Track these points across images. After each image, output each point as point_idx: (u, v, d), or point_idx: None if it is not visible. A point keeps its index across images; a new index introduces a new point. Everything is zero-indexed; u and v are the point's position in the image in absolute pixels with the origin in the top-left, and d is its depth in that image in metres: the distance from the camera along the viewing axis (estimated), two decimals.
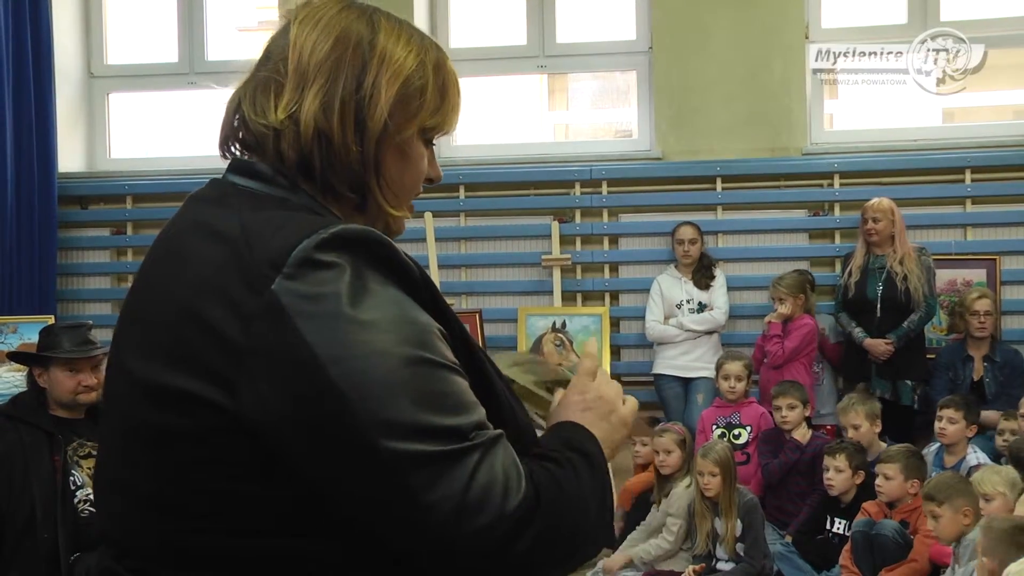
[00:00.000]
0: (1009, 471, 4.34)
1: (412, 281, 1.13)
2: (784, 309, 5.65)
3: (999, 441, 4.99)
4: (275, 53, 1.23)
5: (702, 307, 5.96)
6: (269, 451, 1.08)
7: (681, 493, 4.98)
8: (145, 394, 1.14)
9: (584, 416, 1.27)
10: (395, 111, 1.21)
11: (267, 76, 1.22)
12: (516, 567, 1.07)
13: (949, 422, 4.90)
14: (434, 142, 1.32)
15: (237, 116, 1.24)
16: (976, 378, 5.47)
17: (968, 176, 6.05)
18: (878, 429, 5.16)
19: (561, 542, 1.11)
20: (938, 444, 5.04)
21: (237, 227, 1.13)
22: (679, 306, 5.96)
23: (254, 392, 1.06)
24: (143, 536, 1.17)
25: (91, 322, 4.26)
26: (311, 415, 1.05)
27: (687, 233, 5.99)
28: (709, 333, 5.93)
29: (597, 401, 1.29)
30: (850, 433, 5.11)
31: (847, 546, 4.55)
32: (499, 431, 1.11)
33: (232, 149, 1.26)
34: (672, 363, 5.93)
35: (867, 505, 4.63)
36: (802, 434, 5.19)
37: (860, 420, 5.11)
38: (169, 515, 1.13)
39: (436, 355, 1.09)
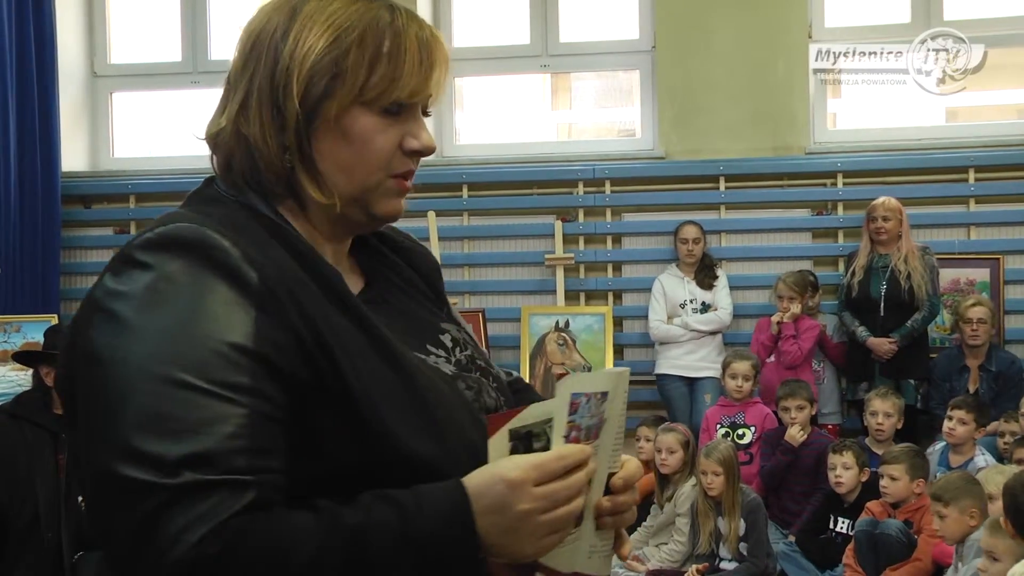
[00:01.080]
0: (1013, 470, 4.33)
1: (245, 288, 1.06)
2: (796, 309, 5.67)
3: (1000, 444, 4.98)
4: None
5: (706, 307, 5.96)
6: None
7: (688, 493, 4.97)
8: None
9: (488, 489, 1.05)
10: (311, 90, 1.14)
11: (225, 90, 1.22)
12: None
13: (960, 423, 4.87)
14: (402, 109, 1.20)
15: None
16: (972, 389, 5.41)
17: (971, 175, 6.04)
18: (899, 426, 5.18)
19: None
20: (943, 444, 5.03)
21: None
22: (683, 306, 5.96)
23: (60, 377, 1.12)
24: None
25: None
26: (81, 408, 1.06)
27: (690, 232, 5.99)
28: (714, 333, 5.94)
29: (486, 486, 1.05)
30: (879, 419, 5.11)
31: (851, 545, 4.55)
32: (220, 477, 0.99)
33: None
34: (676, 363, 5.93)
35: (871, 505, 4.63)
36: (792, 435, 5.18)
37: (894, 411, 5.13)
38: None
39: (200, 378, 1.01)
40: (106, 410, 1.02)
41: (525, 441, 1.08)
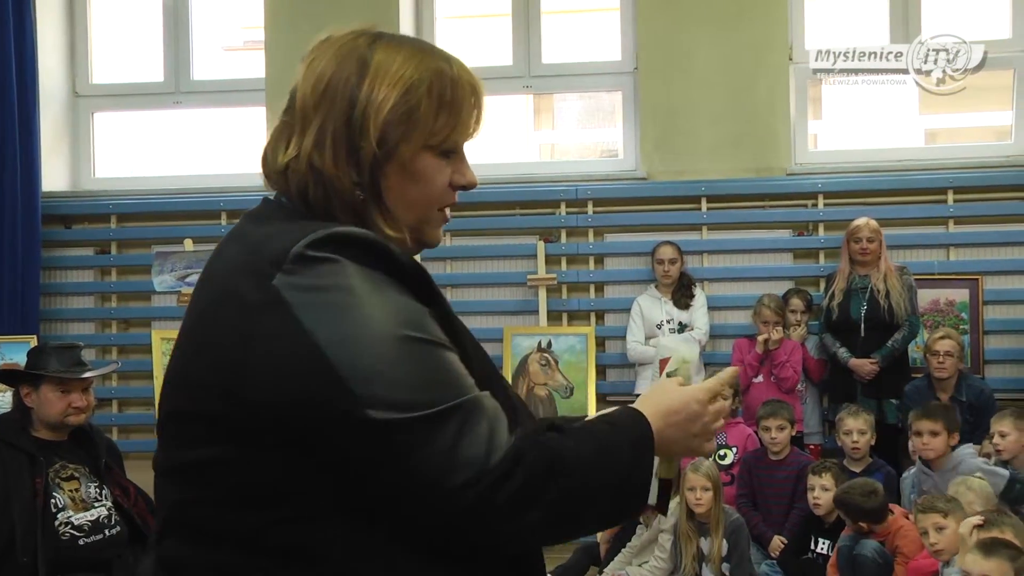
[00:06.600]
0: (984, 484, 4.30)
1: (400, 271, 1.23)
2: (776, 335, 5.70)
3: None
4: (294, 98, 1.34)
5: (683, 327, 5.97)
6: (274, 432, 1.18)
7: (672, 509, 4.96)
8: (174, 386, 1.28)
9: (653, 406, 1.38)
10: (387, 135, 1.29)
11: (287, 122, 1.34)
12: (500, 520, 1.16)
13: (932, 435, 4.72)
14: (455, 150, 1.38)
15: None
16: None
17: (951, 196, 6.09)
18: (873, 442, 5.16)
19: (550, 501, 1.17)
20: (915, 468, 4.93)
21: (260, 234, 1.26)
22: (659, 326, 5.97)
23: (262, 379, 1.16)
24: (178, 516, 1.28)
25: (82, 344, 4.23)
26: (314, 394, 1.15)
27: (667, 253, 6.00)
28: None
29: (681, 403, 1.39)
30: (854, 437, 5.08)
31: (832, 559, 4.56)
32: (485, 393, 1.21)
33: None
34: None
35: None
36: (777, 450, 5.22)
37: (867, 427, 5.11)
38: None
39: (425, 333, 1.20)
40: (369, 380, 1.14)
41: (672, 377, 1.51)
